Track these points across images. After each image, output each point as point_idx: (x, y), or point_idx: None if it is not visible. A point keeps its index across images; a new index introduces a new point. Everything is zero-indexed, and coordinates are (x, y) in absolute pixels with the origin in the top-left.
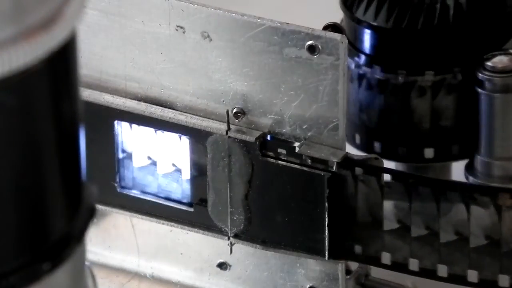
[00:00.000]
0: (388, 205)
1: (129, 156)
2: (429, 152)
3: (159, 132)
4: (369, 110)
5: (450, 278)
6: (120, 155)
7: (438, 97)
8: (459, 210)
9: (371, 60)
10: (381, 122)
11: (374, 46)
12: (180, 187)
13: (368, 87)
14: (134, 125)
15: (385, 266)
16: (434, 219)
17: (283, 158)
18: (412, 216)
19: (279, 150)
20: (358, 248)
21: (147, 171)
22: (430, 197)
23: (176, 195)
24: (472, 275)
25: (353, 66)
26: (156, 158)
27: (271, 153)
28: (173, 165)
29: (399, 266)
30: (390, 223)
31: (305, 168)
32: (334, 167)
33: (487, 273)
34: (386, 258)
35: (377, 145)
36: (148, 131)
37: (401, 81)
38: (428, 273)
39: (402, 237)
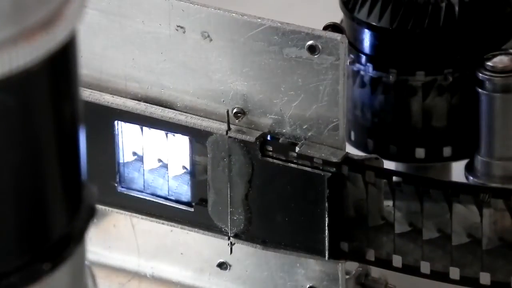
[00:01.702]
0: (396, 207)
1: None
2: (420, 152)
3: (162, 133)
4: (362, 107)
5: (462, 281)
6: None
7: (429, 97)
8: (471, 213)
9: (364, 57)
10: (373, 120)
11: (367, 43)
12: (185, 186)
13: (361, 85)
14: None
15: (396, 269)
16: (445, 221)
17: (283, 158)
18: (423, 219)
19: (279, 150)
20: (370, 251)
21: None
22: (440, 199)
23: (160, 191)
24: (485, 278)
25: (347, 63)
26: (166, 160)
27: (271, 153)
28: (159, 161)
29: (410, 269)
30: (400, 226)
31: (305, 168)
32: (334, 167)
33: (500, 275)
34: (397, 261)
35: (370, 143)
36: (156, 132)
37: (392, 80)
38: (439, 275)
39: (413, 240)
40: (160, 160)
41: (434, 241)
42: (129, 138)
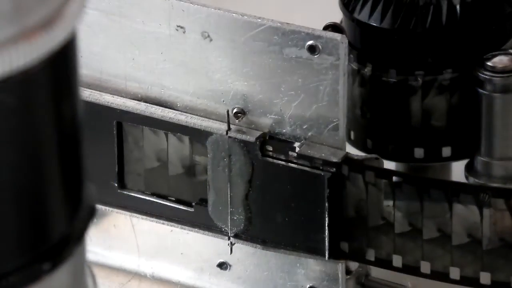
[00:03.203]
0: (397, 207)
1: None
2: (419, 152)
3: (163, 133)
4: (361, 106)
5: (462, 280)
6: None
7: (428, 97)
8: (472, 213)
9: (364, 57)
10: (372, 120)
11: (367, 43)
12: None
13: (361, 84)
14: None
15: (396, 269)
16: (445, 221)
17: (283, 158)
18: (424, 219)
19: (279, 150)
20: (369, 251)
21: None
22: (440, 199)
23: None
24: (485, 277)
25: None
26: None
27: (271, 153)
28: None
29: (410, 269)
30: (400, 226)
31: (305, 168)
32: (334, 167)
33: (501, 275)
34: (397, 260)
35: (369, 142)
36: (155, 132)
37: (391, 79)
38: (439, 275)
39: (413, 239)
40: (160, 160)
41: (434, 241)
42: (131, 138)
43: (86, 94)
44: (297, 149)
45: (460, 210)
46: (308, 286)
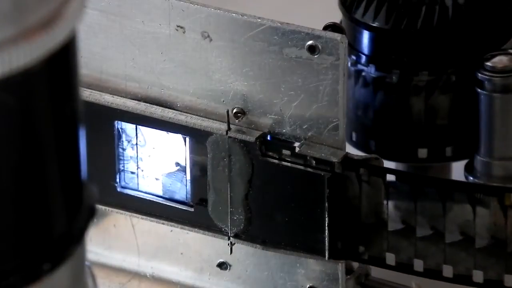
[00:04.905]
0: (391, 206)
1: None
2: (422, 152)
3: (161, 132)
4: (364, 108)
5: (455, 279)
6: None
7: (433, 97)
8: (465, 211)
9: (366, 58)
10: (375, 120)
11: (369, 45)
12: (182, 187)
13: (363, 85)
14: (140, 126)
15: (389, 267)
16: (439, 219)
17: (283, 158)
18: (417, 217)
19: (279, 150)
20: (362, 249)
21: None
22: (435, 198)
23: (177, 194)
24: (477, 275)
25: (349, 63)
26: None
27: (271, 153)
28: (177, 165)
29: (404, 267)
30: (394, 224)
31: (305, 168)
32: (335, 167)
33: (492, 273)
34: (390, 259)
35: (372, 143)
36: (151, 131)
37: (395, 80)
38: (433, 273)
39: (406, 237)
40: (177, 164)
41: (428, 239)
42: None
43: (86, 94)
44: (297, 149)
45: (454, 208)
46: (308, 286)
